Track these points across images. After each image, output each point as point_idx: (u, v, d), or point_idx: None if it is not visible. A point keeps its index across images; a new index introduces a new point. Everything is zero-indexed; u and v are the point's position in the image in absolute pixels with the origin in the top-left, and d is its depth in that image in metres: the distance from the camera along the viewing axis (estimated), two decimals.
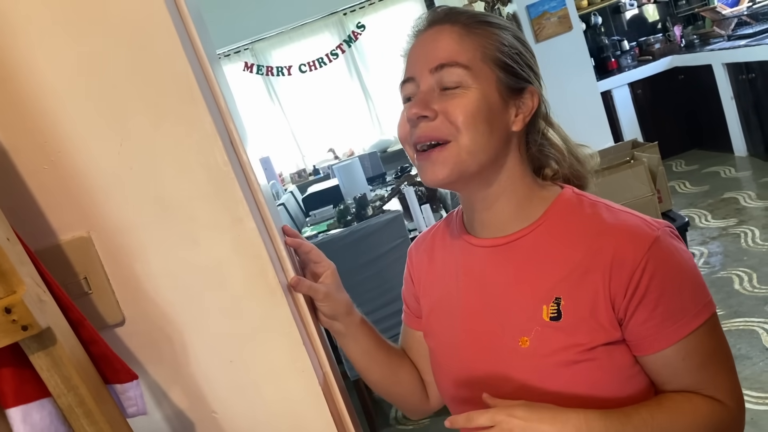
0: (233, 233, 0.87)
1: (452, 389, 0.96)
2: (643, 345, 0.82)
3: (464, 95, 0.83)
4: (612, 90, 5.52)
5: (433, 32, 0.88)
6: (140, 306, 0.88)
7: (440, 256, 1.01)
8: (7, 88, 0.82)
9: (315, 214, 4.57)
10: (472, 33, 0.86)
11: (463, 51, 0.84)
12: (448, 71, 0.83)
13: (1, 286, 0.68)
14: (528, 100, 0.89)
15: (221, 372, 0.91)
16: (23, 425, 0.72)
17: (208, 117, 0.84)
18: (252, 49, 6.76)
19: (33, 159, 0.84)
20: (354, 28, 6.62)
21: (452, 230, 1.00)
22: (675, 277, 0.81)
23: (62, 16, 0.81)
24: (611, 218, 0.85)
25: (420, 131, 0.84)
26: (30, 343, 0.70)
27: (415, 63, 0.88)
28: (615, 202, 2.81)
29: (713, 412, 0.82)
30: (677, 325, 0.80)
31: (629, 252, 0.81)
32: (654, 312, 0.80)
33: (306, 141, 7.14)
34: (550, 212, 0.89)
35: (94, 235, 0.86)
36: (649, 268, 0.80)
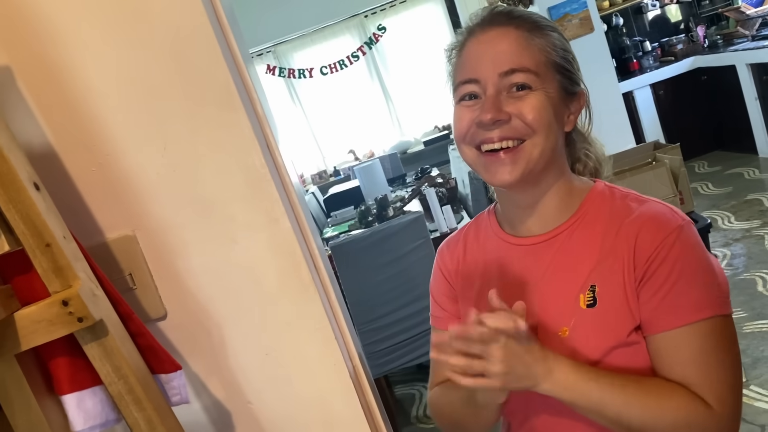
0: (269, 232, 0.92)
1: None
2: (645, 325, 0.85)
3: (534, 97, 0.86)
4: (634, 91, 5.50)
5: (497, 34, 0.89)
6: (181, 301, 0.93)
7: (474, 256, 1.02)
8: (61, 96, 0.87)
9: (336, 215, 4.62)
10: (535, 37, 0.89)
11: (531, 56, 0.87)
12: (518, 75, 0.86)
13: (58, 280, 0.74)
14: (578, 102, 0.93)
15: (257, 364, 0.95)
16: (77, 410, 0.78)
17: (246, 122, 0.89)
18: (274, 52, 6.83)
19: (83, 162, 0.89)
20: (375, 30, 6.67)
21: (485, 230, 1.02)
22: (689, 267, 0.83)
23: (111, 31, 0.87)
24: (640, 206, 0.89)
25: (498, 134, 0.86)
26: (84, 334, 0.75)
27: (479, 64, 0.89)
28: None
29: (693, 411, 0.81)
30: (678, 312, 0.82)
31: (652, 234, 0.84)
32: (657, 294, 0.83)
33: (327, 142, 7.20)
34: (585, 205, 0.93)
35: (138, 234, 0.91)
36: (667, 251, 0.83)
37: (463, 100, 0.90)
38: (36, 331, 0.73)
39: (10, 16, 0.86)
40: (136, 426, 0.78)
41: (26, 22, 0.86)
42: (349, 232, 3.84)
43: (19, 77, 0.87)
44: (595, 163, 1.00)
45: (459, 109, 0.91)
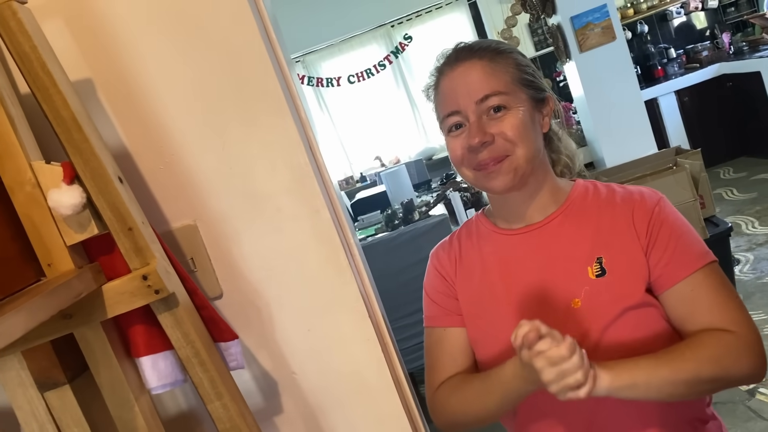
0: (311, 222, 1.05)
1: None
2: (659, 282, 0.98)
3: (510, 115, 0.99)
4: (658, 98, 5.54)
5: (465, 68, 1.02)
6: (235, 282, 1.06)
7: (469, 256, 1.11)
8: (133, 105, 1.02)
9: (363, 219, 4.74)
10: (497, 63, 1.02)
11: (498, 79, 1.01)
12: (492, 99, 0.99)
13: (138, 259, 0.87)
14: (548, 106, 1.07)
15: (300, 339, 1.08)
16: (152, 371, 0.91)
17: (292, 125, 1.02)
18: (303, 62, 7.02)
19: (151, 161, 1.03)
20: (401, 39, 6.81)
21: (478, 231, 1.13)
22: (678, 227, 1.00)
23: (176, 46, 1.01)
24: (624, 190, 1.05)
25: (485, 155, 0.99)
26: (159, 304, 0.89)
27: (456, 97, 1.02)
28: None
29: (724, 344, 0.92)
30: (685, 263, 0.97)
31: (644, 207, 1.01)
32: (665, 252, 0.98)
33: (353, 149, 7.35)
34: (572, 195, 1.06)
35: (199, 223, 1.05)
36: (660, 216, 1.00)
37: (451, 131, 1.03)
38: (120, 301, 0.86)
39: (91, 36, 1.00)
40: (201, 385, 0.91)
41: (104, 41, 1.00)
42: (375, 235, 3.96)
43: (99, 88, 1.01)
44: (566, 157, 1.13)
45: (450, 141, 1.04)
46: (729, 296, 0.97)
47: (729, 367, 0.92)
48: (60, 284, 0.77)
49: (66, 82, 0.85)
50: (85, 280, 0.83)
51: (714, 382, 0.93)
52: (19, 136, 0.84)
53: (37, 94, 0.83)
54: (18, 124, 0.85)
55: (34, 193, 0.85)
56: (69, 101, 0.84)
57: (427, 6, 6.88)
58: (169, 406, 1.10)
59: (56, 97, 0.83)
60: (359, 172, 7.31)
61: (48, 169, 0.85)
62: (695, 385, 0.91)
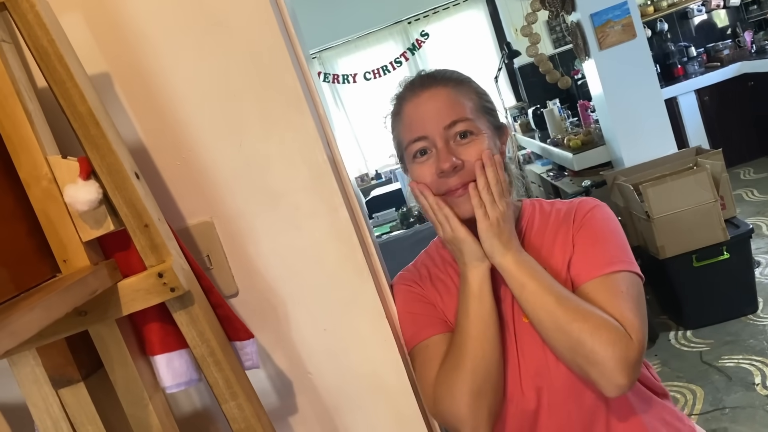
0: (329, 220, 1.03)
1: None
2: (574, 279, 1.02)
3: (477, 141, 1.02)
4: (678, 97, 5.47)
5: (430, 95, 1.04)
6: (251, 280, 1.05)
7: (439, 278, 1.12)
8: (151, 100, 1.00)
9: (378, 217, 4.73)
10: (460, 90, 1.05)
11: (463, 106, 1.03)
12: (459, 125, 1.01)
13: (154, 256, 0.86)
14: (505, 134, 1.10)
15: (316, 338, 1.07)
16: (167, 369, 0.90)
17: (311, 122, 1.01)
18: (320, 58, 7.01)
19: (168, 156, 1.02)
20: (418, 36, 6.79)
21: (441, 257, 1.15)
22: (599, 233, 1.04)
23: (195, 41, 0.99)
24: (567, 204, 1.11)
25: (456, 180, 1.01)
26: (174, 302, 0.88)
27: (424, 122, 1.03)
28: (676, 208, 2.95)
29: (611, 322, 0.94)
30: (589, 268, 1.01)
31: (579, 212, 1.07)
32: (577, 255, 1.03)
33: (369, 146, 7.34)
34: (523, 218, 1.11)
35: (216, 220, 1.04)
36: (585, 220, 1.06)
37: (416, 158, 1.04)
38: (135, 299, 0.85)
39: (109, 29, 0.99)
40: (216, 385, 0.89)
41: (123, 35, 0.99)
42: (390, 232, 3.94)
43: (117, 83, 1.00)
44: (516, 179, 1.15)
45: (416, 168, 1.04)
46: (627, 306, 0.97)
47: (598, 345, 0.92)
48: (75, 281, 0.76)
49: (84, 76, 0.84)
50: (101, 277, 0.82)
51: (576, 348, 0.93)
52: (35, 131, 0.83)
53: (54, 89, 0.82)
54: (35, 119, 0.84)
55: (51, 189, 0.84)
56: (86, 96, 0.82)
57: (445, 3, 6.85)
58: (184, 405, 1.10)
59: (73, 91, 0.82)
60: (374, 170, 7.30)
61: (64, 164, 0.84)
62: (561, 334, 0.94)
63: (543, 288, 0.97)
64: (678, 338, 3.25)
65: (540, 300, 0.96)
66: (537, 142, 5.41)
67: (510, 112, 6.30)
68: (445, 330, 1.06)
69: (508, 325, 1.03)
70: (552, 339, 0.96)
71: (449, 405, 0.98)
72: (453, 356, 1.00)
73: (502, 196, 0.99)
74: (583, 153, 4.26)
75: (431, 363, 1.02)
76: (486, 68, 6.49)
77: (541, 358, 1.00)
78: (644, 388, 1.06)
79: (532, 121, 5.80)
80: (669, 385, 2.87)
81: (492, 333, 0.99)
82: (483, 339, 0.98)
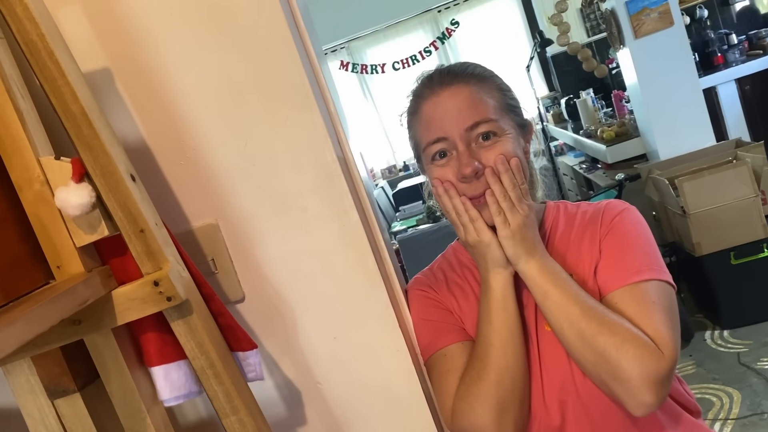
0: (339, 223, 0.98)
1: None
2: (601, 287, 0.95)
3: (501, 144, 0.95)
4: (717, 87, 5.26)
5: (450, 93, 0.97)
6: (258, 286, 1.00)
7: (456, 283, 1.06)
8: (153, 96, 0.96)
9: (404, 210, 4.68)
10: (483, 87, 0.98)
11: (486, 105, 0.96)
12: (482, 126, 0.95)
13: (150, 263, 0.81)
14: (529, 132, 1.03)
15: (325, 347, 1.01)
16: (164, 382, 0.86)
17: (320, 120, 0.95)
18: (348, 48, 6.95)
19: (172, 156, 0.98)
20: (448, 25, 6.67)
21: (459, 261, 1.09)
22: (628, 238, 0.97)
23: (198, 35, 0.94)
24: (593, 207, 1.04)
25: (479, 186, 0.94)
26: (172, 312, 0.83)
27: (443, 123, 0.96)
28: (714, 203, 2.84)
29: (637, 334, 0.87)
30: (616, 277, 0.94)
31: (607, 216, 1.00)
32: (605, 262, 0.96)
33: (397, 137, 7.27)
34: (546, 221, 1.04)
35: (221, 223, 0.99)
36: (613, 224, 0.98)
37: (435, 160, 0.97)
38: (130, 308, 0.81)
39: (110, 23, 0.95)
40: (216, 398, 0.85)
41: (124, 29, 0.95)
42: (417, 226, 3.88)
43: (118, 78, 0.96)
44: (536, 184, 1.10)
45: (435, 170, 0.98)
46: (658, 317, 0.89)
47: (624, 361, 0.85)
48: (63, 291, 0.72)
49: (76, 73, 0.79)
50: (93, 286, 0.78)
51: (600, 363, 0.87)
52: (27, 131, 0.79)
53: (44, 86, 0.78)
54: (27, 118, 0.80)
55: (43, 191, 0.80)
56: (78, 94, 0.78)
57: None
58: (189, 415, 1.06)
59: (65, 89, 0.77)
60: (402, 161, 7.24)
61: (57, 165, 0.79)
62: (585, 347, 0.88)
63: (567, 297, 0.90)
64: (714, 338, 3.14)
65: (563, 310, 0.90)
66: (569, 134, 5.28)
67: (542, 102, 6.16)
68: (463, 338, 1.00)
69: (530, 334, 0.97)
70: (575, 352, 0.90)
71: (471, 420, 0.92)
72: (475, 367, 0.94)
73: (521, 200, 0.93)
74: (616, 145, 4.14)
75: (450, 374, 0.96)
76: (518, 57, 6.36)
77: (565, 371, 0.94)
78: (675, 404, 0.99)
79: (565, 111, 5.67)
80: (704, 387, 2.77)
81: (517, 342, 0.93)
82: (507, 348, 0.92)
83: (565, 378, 0.94)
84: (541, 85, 6.82)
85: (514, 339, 0.93)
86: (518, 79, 5.58)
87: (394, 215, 5.06)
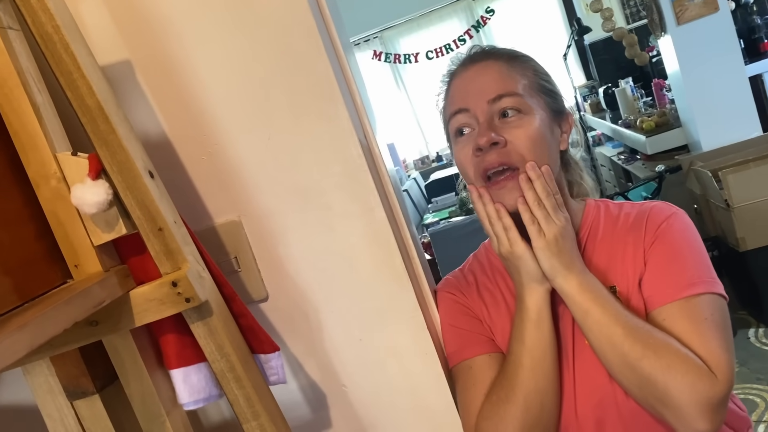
0: (365, 221, 0.94)
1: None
2: (647, 301, 0.88)
3: (525, 123, 0.89)
4: (764, 74, 5.06)
5: (479, 68, 0.93)
6: (282, 284, 0.97)
7: (488, 289, 1.00)
8: (175, 89, 0.93)
9: (437, 201, 4.62)
10: (514, 65, 0.93)
11: (514, 81, 0.91)
12: (506, 100, 0.89)
13: (168, 262, 0.79)
14: (567, 122, 0.97)
15: (351, 349, 0.98)
16: (183, 385, 0.83)
17: (345, 113, 0.91)
18: (381, 38, 6.90)
19: (194, 150, 0.95)
20: (483, 13, 6.54)
21: (490, 264, 1.02)
22: (676, 247, 0.89)
23: (221, 27, 0.91)
24: (636, 209, 0.96)
25: (492, 157, 0.88)
26: (191, 313, 0.80)
27: (467, 95, 0.92)
28: (759, 197, 2.68)
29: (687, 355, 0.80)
30: (664, 291, 0.86)
31: (653, 222, 0.92)
32: (651, 274, 0.89)
33: (430, 128, 7.19)
34: (586, 221, 0.97)
35: (244, 220, 0.96)
36: (661, 232, 0.90)
37: (458, 137, 0.93)
38: (148, 309, 0.78)
39: (131, 14, 0.92)
40: (236, 403, 0.82)
41: (146, 20, 0.92)
42: (449, 218, 3.82)
43: (138, 71, 0.93)
44: (587, 189, 1.04)
45: (458, 149, 0.93)
46: (712, 336, 0.82)
47: (673, 387, 0.78)
48: (77, 293, 0.70)
49: (93, 66, 0.77)
50: (109, 287, 0.75)
51: (646, 387, 0.80)
52: (44, 126, 0.77)
53: (60, 80, 0.75)
54: (44, 112, 0.77)
55: (60, 188, 0.77)
56: (95, 88, 0.75)
57: None
58: (213, 416, 1.03)
59: (80, 82, 0.75)
60: (435, 152, 7.17)
61: (74, 161, 0.77)
62: (629, 371, 0.82)
63: (609, 316, 0.84)
64: (758, 336, 3.02)
65: (605, 330, 0.83)
66: (608, 123, 5.14)
67: (579, 92, 6.01)
68: (491, 350, 0.95)
69: (565, 347, 0.91)
70: (618, 375, 0.84)
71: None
72: (503, 387, 0.89)
73: (557, 210, 0.87)
74: (657, 135, 4.01)
75: (475, 389, 0.92)
76: (554, 45, 6.22)
77: (605, 387, 0.88)
78: (727, 428, 0.91)
79: (603, 100, 5.53)
80: (747, 388, 2.67)
81: (549, 364, 0.87)
82: (538, 370, 0.87)
83: (605, 395, 0.88)
84: (578, 73, 6.66)
85: (547, 361, 0.88)
86: (555, 67, 5.45)
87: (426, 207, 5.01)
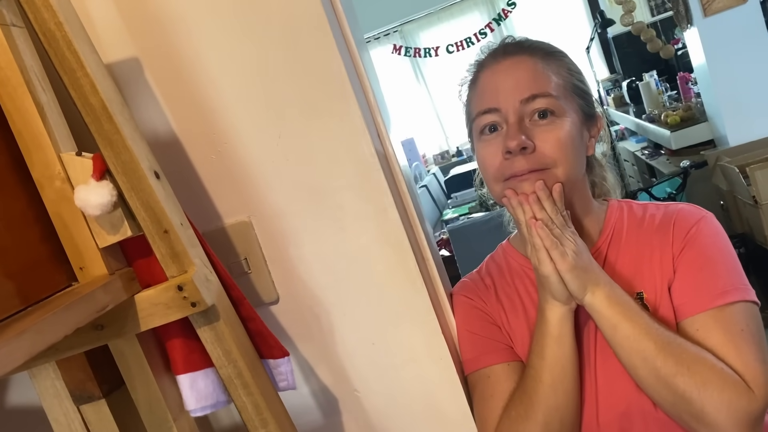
0: (377, 222, 0.91)
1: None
2: (678, 310, 0.85)
3: (557, 126, 0.85)
4: None
5: (512, 63, 0.88)
6: (293, 287, 0.95)
7: (506, 293, 0.97)
8: (184, 87, 0.91)
9: (456, 197, 4.57)
10: (550, 63, 0.88)
11: (549, 81, 0.86)
12: (539, 101, 0.85)
13: (174, 265, 0.77)
14: (597, 126, 0.93)
15: (364, 353, 0.95)
16: (190, 390, 0.81)
17: (357, 111, 0.88)
18: (401, 31, 6.84)
19: (203, 149, 0.93)
20: (504, 5, 6.45)
21: (509, 266, 0.99)
22: (708, 254, 0.85)
23: (230, 23, 0.89)
24: (662, 211, 0.91)
25: (522, 164, 0.85)
26: (197, 318, 0.78)
27: (498, 93, 0.87)
28: None
29: (723, 371, 0.76)
30: (696, 300, 0.83)
31: (682, 227, 0.88)
32: (682, 282, 0.85)
33: (450, 122, 7.13)
34: (608, 223, 0.93)
35: (254, 220, 0.93)
36: (691, 238, 0.86)
37: (484, 134, 0.89)
38: (154, 313, 0.76)
39: (139, 9, 0.90)
40: (244, 410, 0.80)
41: (154, 16, 0.90)
42: (469, 214, 3.78)
43: (147, 68, 0.91)
44: (609, 188, 1.01)
45: (483, 146, 0.89)
46: (748, 348, 0.78)
47: (709, 405, 0.75)
48: (79, 298, 0.68)
49: (97, 64, 0.75)
50: (113, 291, 0.73)
51: (680, 405, 0.77)
52: (48, 125, 0.75)
53: (63, 78, 0.73)
54: (48, 112, 0.75)
55: (64, 189, 0.75)
56: (98, 86, 0.73)
57: None
58: (224, 421, 1.01)
59: (84, 81, 0.73)
60: (455, 146, 7.11)
61: (78, 162, 0.75)
62: (662, 387, 0.78)
63: (639, 330, 0.80)
64: None
65: (635, 345, 0.80)
66: (631, 118, 5.05)
67: (602, 85, 5.92)
68: (510, 359, 0.92)
69: (588, 355, 0.88)
70: (651, 391, 0.80)
71: None
72: (522, 402, 0.85)
73: (565, 227, 0.83)
74: (682, 130, 3.91)
75: (492, 400, 0.89)
76: (577, 38, 6.12)
77: (631, 397, 0.84)
78: None
79: (627, 94, 5.43)
80: None
81: (569, 381, 0.84)
82: (558, 387, 0.83)
83: (631, 405, 0.84)
84: (601, 67, 6.55)
85: (567, 378, 0.84)
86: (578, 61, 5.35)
87: (445, 202, 4.96)
